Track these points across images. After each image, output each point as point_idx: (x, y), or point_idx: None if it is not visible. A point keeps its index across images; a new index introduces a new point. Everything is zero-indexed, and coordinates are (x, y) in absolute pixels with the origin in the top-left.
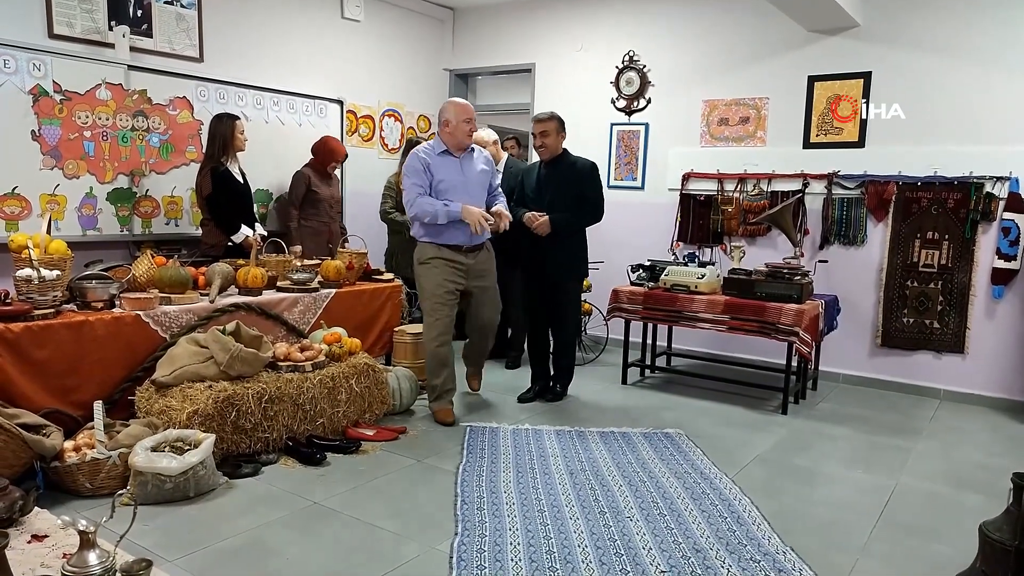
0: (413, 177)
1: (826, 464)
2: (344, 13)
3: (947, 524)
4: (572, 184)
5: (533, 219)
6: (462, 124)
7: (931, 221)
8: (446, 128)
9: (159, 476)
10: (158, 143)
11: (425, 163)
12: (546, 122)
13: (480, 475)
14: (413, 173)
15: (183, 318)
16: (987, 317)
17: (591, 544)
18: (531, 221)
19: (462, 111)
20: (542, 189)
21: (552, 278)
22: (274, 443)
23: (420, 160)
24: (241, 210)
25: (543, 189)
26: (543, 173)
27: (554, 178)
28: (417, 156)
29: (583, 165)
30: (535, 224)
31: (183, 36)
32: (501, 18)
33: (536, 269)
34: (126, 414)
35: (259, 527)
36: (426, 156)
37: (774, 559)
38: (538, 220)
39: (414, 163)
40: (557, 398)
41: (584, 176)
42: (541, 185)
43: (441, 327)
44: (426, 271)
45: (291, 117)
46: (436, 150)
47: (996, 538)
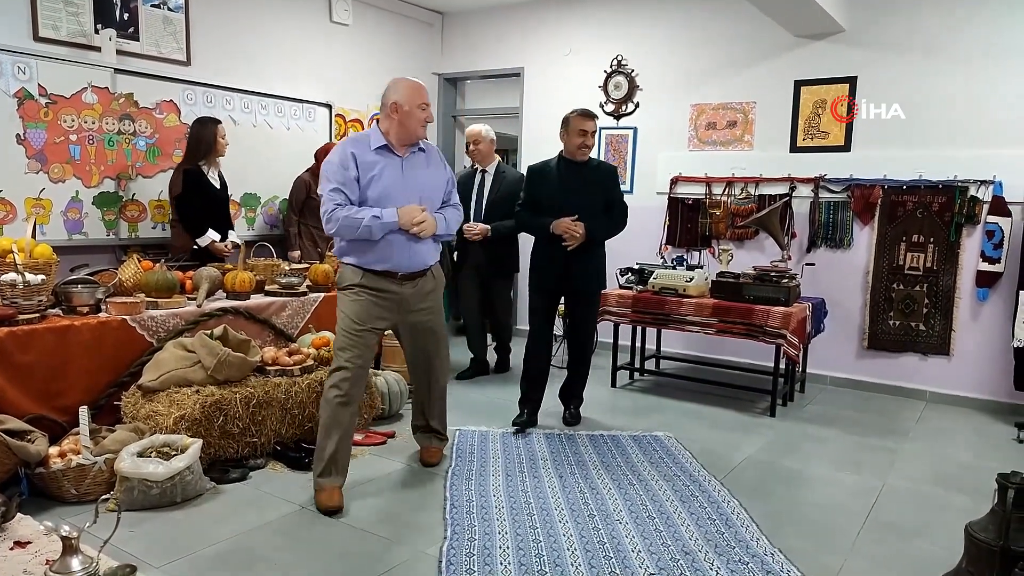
0: (334, 181)
1: (814, 466)
2: (332, 17)
3: (933, 524)
4: (600, 187)
5: (572, 228)
6: (417, 111)
7: (916, 224)
8: (394, 114)
9: (145, 481)
10: (145, 147)
11: (352, 160)
12: (595, 120)
13: (469, 479)
14: (335, 174)
15: (170, 322)
16: (972, 319)
17: (580, 548)
18: (570, 230)
19: (417, 92)
20: (569, 193)
21: (581, 290)
22: (262, 448)
23: (347, 156)
24: (211, 215)
25: (570, 193)
26: (566, 175)
27: (580, 181)
28: (343, 150)
29: (607, 168)
30: (577, 233)
31: (170, 39)
32: (490, 22)
33: (556, 279)
34: (112, 419)
35: (247, 532)
36: (356, 151)
37: (763, 561)
38: (576, 229)
39: (338, 160)
40: (576, 421)
41: (611, 179)
42: (567, 189)
43: (346, 374)
44: (343, 300)
45: (279, 121)
46: (372, 143)
47: (981, 538)
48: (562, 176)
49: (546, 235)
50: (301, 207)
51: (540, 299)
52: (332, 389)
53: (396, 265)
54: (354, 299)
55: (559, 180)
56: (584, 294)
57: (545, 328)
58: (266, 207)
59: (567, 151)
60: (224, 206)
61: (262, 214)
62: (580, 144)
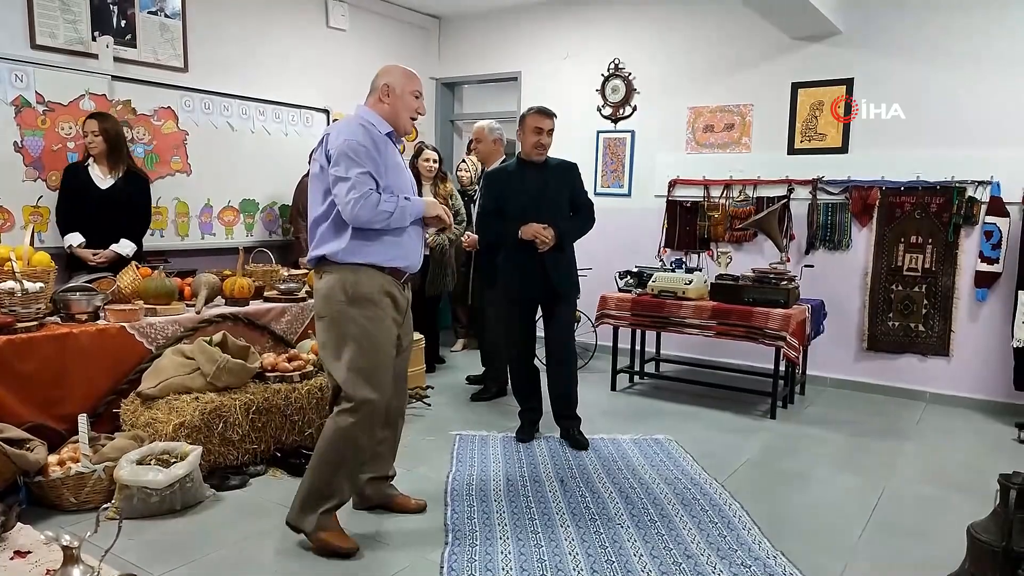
0: (366, 163)
1: (815, 468)
2: (329, 22)
3: (935, 526)
4: (563, 187)
5: (542, 233)
6: (409, 97)
7: (914, 225)
8: (385, 98)
9: (145, 489)
10: (143, 153)
11: (374, 144)
12: (552, 119)
13: (470, 484)
14: (365, 156)
15: (169, 329)
16: (971, 320)
17: (582, 552)
18: (540, 235)
19: (411, 78)
20: (532, 197)
21: (561, 292)
22: (262, 454)
23: (370, 137)
24: (87, 216)
25: (534, 197)
26: (526, 177)
27: (543, 182)
28: (367, 132)
29: (567, 165)
30: (547, 237)
31: (167, 46)
32: (487, 27)
33: (532, 286)
34: (111, 427)
35: (247, 539)
36: (375, 136)
37: (764, 564)
38: (547, 234)
39: (370, 142)
40: (583, 446)
41: (575, 178)
42: (529, 192)
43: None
44: (360, 317)
45: (277, 127)
46: (382, 128)
47: (984, 539)
48: (524, 179)
49: (514, 242)
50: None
51: (516, 310)
52: (354, 428)
53: (412, 263)
54: (376, 313)
55: (521, 183)
56: (564, 295)
57: (529, 341)
58: (264, 213)
59: (523, 151)
60: (113, 209)
61: (260, 220)
62: (535, 143)
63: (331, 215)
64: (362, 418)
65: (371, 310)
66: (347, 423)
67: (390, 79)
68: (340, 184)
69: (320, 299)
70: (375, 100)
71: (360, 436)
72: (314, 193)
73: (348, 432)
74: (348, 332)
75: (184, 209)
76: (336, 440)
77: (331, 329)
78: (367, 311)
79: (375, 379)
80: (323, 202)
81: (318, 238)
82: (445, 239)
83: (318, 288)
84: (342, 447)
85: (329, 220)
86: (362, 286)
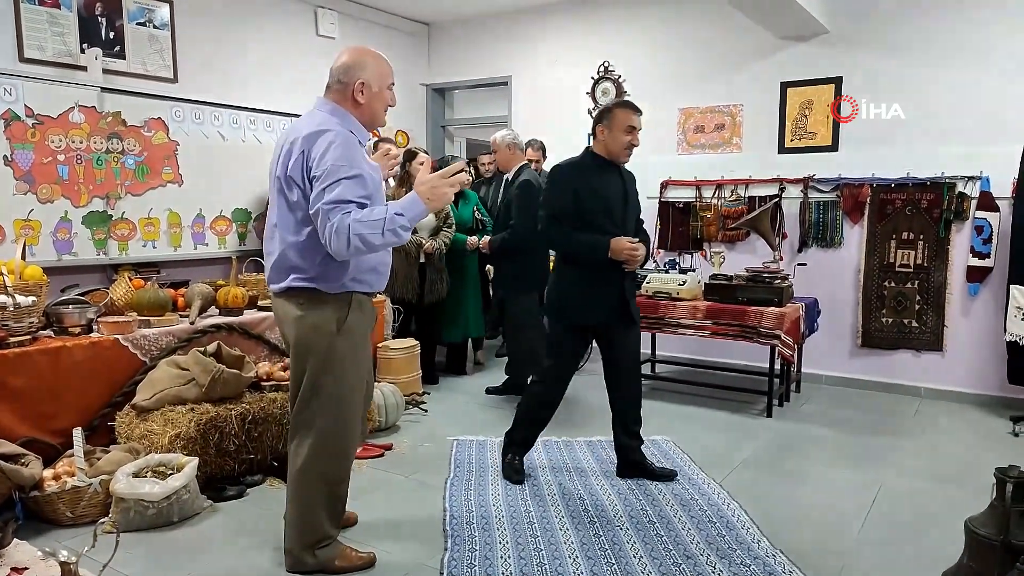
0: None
1: (812, 465)
2: (319, 31)
3: (933, 520)
4: (635, 197)
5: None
6: (387, 92)
7: (906, 222)
8: (359, 96)
9: (141, 502)
10: (133, 165)
11: (361, 153)
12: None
13: (468, 489)
14: (351, 163)
15: (163, 341)
16: (963, 315)
17: (582, 555)
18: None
19: (384, 70)
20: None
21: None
22: (259, 464)
23: (354, 146)
24: None
25: (614, 203)
26: (606, 179)
27: (623, 188)
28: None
29: (631, 174)
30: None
31: (156, 57)
32: (476, 32)
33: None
34: (106, 440)
35: (245, 549)
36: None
37: (764, 562)
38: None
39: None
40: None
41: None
42: (610, 197)
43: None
44: (345, 348)
45: (268, 136)
46: (363, 136)
47: (982, 533)
48: (603, 181)
49: (601, 258)
50: None
51: (574, 339)
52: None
53: (382, 284)
54: (356, 344)
55: (601, 186)
56: (636, 319)
57: (574, 370)
58: (257, 222)
59: (609, 151)
60: None
61: (254, 229)
62: (627, 144)
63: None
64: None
65: (352, 345)
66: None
67: (366, 75)
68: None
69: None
70: (343, 98)
71: (339, 483)
72: (281, 210)
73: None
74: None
75: (176, 220)
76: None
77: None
78: (348, 345)
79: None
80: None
81: (291, 264)
82: (442, 244)
83: (300, 316)
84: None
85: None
86: (352, 317)
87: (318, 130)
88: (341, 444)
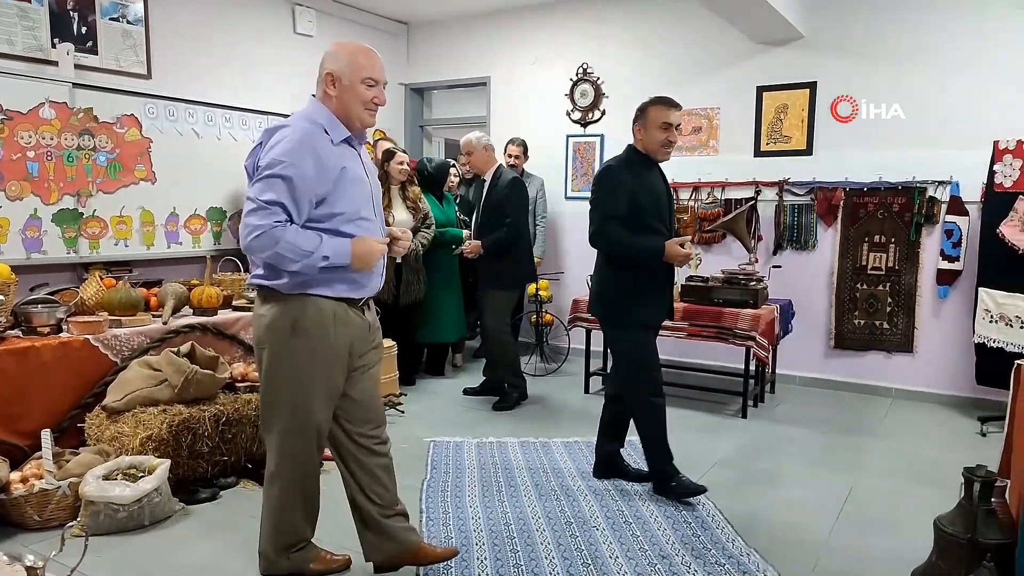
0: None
1: (786, 465)
2: (297, 28)
3: (903, 519)
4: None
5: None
6: (360, 87)
7: (878, 225)
8: (330, 89)
9: (111, 505)
10: (105, 162)
11: (319, 164)
12: (680, 110)
13: (445, 490)
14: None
15: (135, 341)
16: (933, 316)
17: (558, 556)
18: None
19: (360, 62)
20: (660, 203)
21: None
22: (233, 466)
23: (311, 159)
24: None
25: (661, 203)
26: (652, 179)
27: (663, 187)
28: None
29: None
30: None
31: (130, 53)
32: (455, 32)
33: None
34: (76, 442)
35: (218, 553)
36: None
37: (739, 561)
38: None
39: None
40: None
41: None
42: (656, 197)
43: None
44: (299, 353)
45: (244, 133)
46: (334, 134)
47: (950, 531)
48: (652, 180)
49: (656, 261)
50: None
51: (650, 338)
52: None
53: (369, 290)
54: (315, 348)
55: (650, 186)
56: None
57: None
58: (232, 221)
59: (647, 149)
60: None
61: (229, 228)
62: (664, 141)
63: None
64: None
65: (308, 350)
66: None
67: (334, 65)
68: (246, 203)
69: (262, 328)
70: (322, 93)
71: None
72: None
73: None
74: (287, 367)
75: (149, 218)
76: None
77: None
78: (302, 350)
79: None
80: None
81: (252, 260)
82: (419, 244)
83: (260, 315)
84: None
85: None
86: (304, 321)
87: (282, 124)
88: (303, 447)
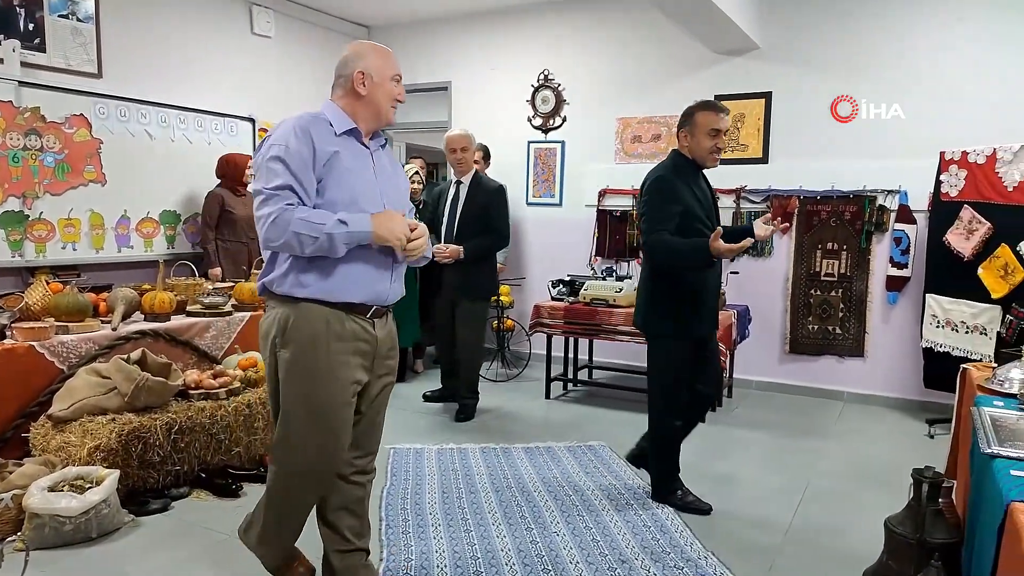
0: (282, 175)
1: (742, 468)
2: (254, 29)
3: (855, 520)
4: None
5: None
6: (390, 84)
7: (830, 232)
8: (360, 87)
9: (57, 518)
10: (53, 163)
11: (311, 148)
12: (728, 116)
13: (405, 497)
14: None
15: (82, 348)
16: (883, 322)
17: (518, 561)
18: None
19: (390, 60)
20: (709, 210)
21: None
22: (185, 476)
23: (304, 141)
24: None
25: (709, 210)
26: (701, 186)
27: (710, 192)
28: (297, 133)
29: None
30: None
31: (80, 51)
32: (416, 36)
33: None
34: (20, 453)
35: (168, 565)
36: (315, 134)
37: (697, 565)
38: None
39: (292, 145)
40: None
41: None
42: (704, 205)
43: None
44: (300, 361)
45: (199, 135)
46: (337, 126)
47: (899, 532)
48: (701, 187)
49: (705, 262)
50: (216, 222)
51: (686, 349)
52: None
53: (376, 296)
54: (299, 359)
55: (699, 193)
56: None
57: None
58: (187, 224)
59: (695, 156)
60: None
61: (183, 231)
62: (712, 148)
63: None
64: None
65: (311, 358)
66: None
67: (365, 63)
68: (255, 197)
69: (260, 332)
70: (345, 92)
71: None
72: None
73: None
74: (293, 386)
75: (99, 221)
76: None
77: (265, 368)
78: (305, 358)
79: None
80: None
81: (265, 262)
82: None
83: (261, 320)
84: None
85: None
86: (301, 326)
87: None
88: (294, 464)
